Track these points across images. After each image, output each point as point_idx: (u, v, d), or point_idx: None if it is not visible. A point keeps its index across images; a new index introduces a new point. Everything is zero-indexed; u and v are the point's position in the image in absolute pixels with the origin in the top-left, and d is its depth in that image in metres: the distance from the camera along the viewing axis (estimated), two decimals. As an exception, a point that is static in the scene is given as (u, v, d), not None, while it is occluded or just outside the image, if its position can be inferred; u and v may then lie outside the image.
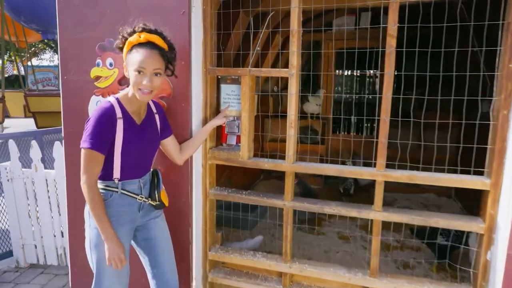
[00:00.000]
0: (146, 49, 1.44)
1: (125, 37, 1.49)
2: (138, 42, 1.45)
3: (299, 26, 1.79)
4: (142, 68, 1.44)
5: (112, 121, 1.47)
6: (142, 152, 1.61)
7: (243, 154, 1.98)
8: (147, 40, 1.46)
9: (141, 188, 1.62)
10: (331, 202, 1.92)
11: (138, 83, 1.46)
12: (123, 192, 1.56)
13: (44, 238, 2.91)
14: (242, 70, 1.90)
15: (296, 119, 1.88)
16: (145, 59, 1.44)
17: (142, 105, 1.60)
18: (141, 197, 1.61)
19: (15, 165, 2.79)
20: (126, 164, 1.55)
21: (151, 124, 1.65)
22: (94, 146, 1.42)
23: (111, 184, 1.55)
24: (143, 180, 1.64)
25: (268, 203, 1.98)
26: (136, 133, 1.56)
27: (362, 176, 1.80)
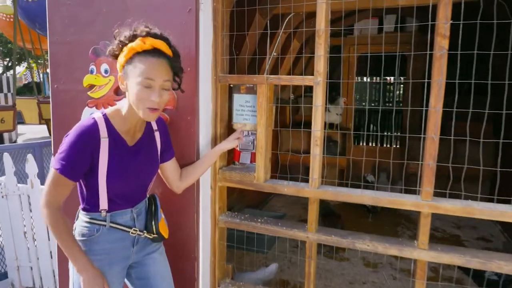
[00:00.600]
0: (153, 58, 1.19)
1: (123, 42, 1.21)
2: (142, 49, 1.19)
3: (326, 25, 1.50)
4: (150, 80, 1.18)
5: (93, 142, 1.21)
6: (135, 179, 1.34)
7: (259, 176, 1.69)
8: (153, 46, 1.20)
9: (134, 219, 1.36)
10: (365, 236, 1.60)
11: (144, 99, 1.19)
12: (112, 226, 1.30)
13: (40, 259, 2.68)
14: (259, 77, 1.62)
15: (322, 136, 1.58)
16: (153, 69, 1.18)
17: (138, 123, 1.33)
18: (134, 230, 1.35)
19: (10, 181, 2.57)
20: (115, 193, 1.29)
21: (149, 144, 1.39)
22: (64, 170, 1.17)
23: (97, 217, 1.29)
24: (136, 209, 1.38)
25: (288, 234, 1.68)
26: (127, 156, 1.29)
27: (403, 207, 1.48)
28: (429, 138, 1.40)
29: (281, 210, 3.93)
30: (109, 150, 1.24)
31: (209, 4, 1.59)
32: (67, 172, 1.18)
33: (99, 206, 1.28)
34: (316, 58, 1.51)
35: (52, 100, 1.71)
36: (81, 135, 1.19)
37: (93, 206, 1.28)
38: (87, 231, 1.28)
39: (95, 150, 1.21)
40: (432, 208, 1.43)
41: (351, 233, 1.63)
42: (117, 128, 1.27)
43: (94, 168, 1.23)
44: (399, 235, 3.34)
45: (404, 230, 3.44)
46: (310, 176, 1.60)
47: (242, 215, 1.81)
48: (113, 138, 1.25)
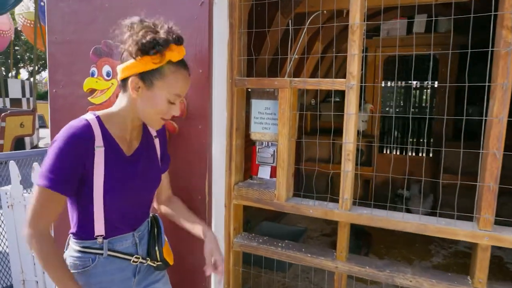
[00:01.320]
0: (185, 71, 1.09)
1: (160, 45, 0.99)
2: (176, 59, 1.05)
3: (362, 18, 1.27)
4: (180, 96, 1.09)
5: (85, 148, 1.01)
6: (136, 195, 1.14)
7: (280, 194, 1.46)
8: (182, 57, 1.09)
9: (136, 245, 1.17)
10: (406, 268, 1.34)
11: (165, 113, 1.09)
12: (111, 254, 1.10)
13: (46, 274, 2.53)
14: (281, 81, 1.40)
15: (355, 149, 1.34)
16: (184, 85, 1.10)
17: (135, 129, 1.15)
18: (136, 258, 1.15)
19: (16, 190, 2.44)
20: (113, 214, 1.09)
21: (148, 154, 1.19)
22: (54, 184, 0.97)
23: (92, 245, 1.09)
24: (138, 232, 1.18)
25: (313, 263, 1.44)
26: (126, 167, 1.10)
27: (456, 237, 1.22)
28: (490, 154, 1.14)
29: (302, 223, 3.68)
30: (106, 160, 1.04)
31: (224, -3, 1.39)
32: (58, 186, 0.98)
33: (94, 232, 1.08)
34: (349, 57, 1.28)
35: (50, 106, 1.54)
36: (72, 138, 0.99)
37: (87, 231, 1.08)
38: (79, 262, 1.08)
39: (88, 158, 1.01)
40: (493, 240, 1.17)
41: (388, 264, 1.38)
42: (112, 134, 1.08)
43: (88, 182, 1.03)
44: (433, 255, 3.04)
45: (438, 250, 3.13)
46: (341, 196, 1.36)
47: (260, 238, 1.59)
48: (109, 145, 1.06)
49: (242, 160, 1.57)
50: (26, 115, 6.72)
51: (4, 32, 10.02)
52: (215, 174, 1.46)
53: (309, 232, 3.44)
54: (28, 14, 9.91)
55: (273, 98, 1.54)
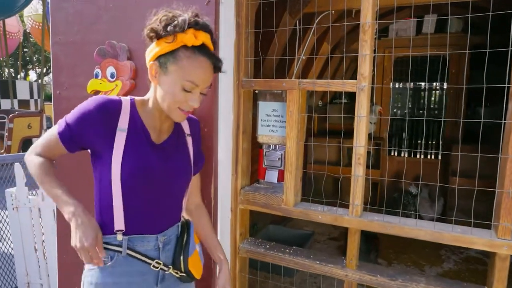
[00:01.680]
0: (205, 59, 1.00)
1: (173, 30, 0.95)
2: (192, 44, 0.97)
3: (373, 17, 1.22)
4: (194, 85, 0.99)
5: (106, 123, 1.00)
6: (163, 188, 1.07)
7: (288, 199, 1.42)
8: (203, 43, 0.99)
9: (159, 249, 1.08)
10: (419, 277, 1.29)
11: (181, 101, 1.00)
12: (130, 254, 1.03)
13: (51, 276, 2.51)
14: (289, 82, 1.36)
15: (365, 153, 1.29)
16: (200, 73, 0.99)
17: (166, 122, 1.10)
18: (157, 263, 1.06)
19: (21, 192, 2.43)
20: (135, 207, 1.03)
21: (179, 149, 1.13)
22: (64, 134, 1.01)
23: (112, 241, 1.02)
24: (164, 237, 1.09)
25: (322, 271, 1.39)
26: (150, 154, 1.04)
27: (473, 246, 1.16)
28: (510, 159, 1.09)
29: (308, 226, 3.63)
30: (127, 141, 1.01)
31: (231, -4, 1.35)
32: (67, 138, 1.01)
33: (113, 225, 1.02)
34: (360, 58, 1.24)
35: (54, 109, 1.52)
36: (97, 106, 0.99)
37: (107, 223, 1.02)
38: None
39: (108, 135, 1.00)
40: (513, 249, 1.11)
41: (401, 272, 1.32)
42: (142, 119, 1.05)
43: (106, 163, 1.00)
44: (443, 260, 2.96)
45: (449, 255, 3.05)
46: (351, 201, 1.31)
47: (267, 243, 1.54)
48: (135, 128, 1.03)
49: (248, 163, 1.53)
50: (33, 116, 6.75)
51: (13, 34, 10.12)
52: (221, 178, 1.43)
53: (316, 235, 3.39)
54: (36, 16, 10.01)
55: (280, 100, 1.50)
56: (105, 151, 1.00)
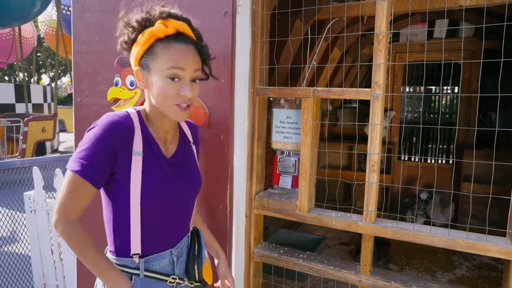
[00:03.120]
0: (181, 44, 0.95)
1: (136, 27, 0.95)
2: (165, 34, 0.94)
3: (387, 27, 1.24)
4: (179, 70, 0.94)
5: (122, 146, 0.94)
6: (177, 204, 1.05)
7: (302, 205, 1.44)
8: (177, 30, 0.95)
9: (173, 263, 1.07)
10: (434, 284, 1.30)
11: (173, 95, 0.95)
12: (147, 275, 1.01)
13: (67, 278, 2.57)
14: (304, 90, 1.38)
15: (379, 160, 1.31)
16: (182, 57, 0.94)
17: (172, 129, 1.06)
18: (173, 279, 1.05)
19: (39, 195, 2.49)
20: (152, 228, 1.01)
21: (186, 158, 1.10)
22: (86, 171, 0.90)
23: (129, 264, 1.01)
24: (177, 250, 1.08)
25: (336, 276, 1.41)
26: (168, 171, 1.02)
27: (487, 253, 1.17)
28: (525, 167, 1.09)
29: (319, 231, 3.63)
30: (144, 164, 0.96)
31: (247, 6, 1.39)
32: (91, 174, 0.91)
33: (130, 249, 1.00)
34: (374, 67, 1.26)
35: (75, 116, 1.57)
36: (111, 129, 0.92)
37: (123, 248, 1.00)
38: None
39: (124, 159, 0.94)
40: (528, 258, 1.12)
41: (415, 279, 1.33)
42: (152, 133, 1.01)
43: (123, 186, 0.95)
44: (456, 266, 2.94)
45: (461, 261, 3.03)
46: (365, 208, 1.33)
47: (281, 248, 1.57)
48: (150, 147, 0.98)
49: (263, 169, 1.56)
50: (47, 120, 6.90)
51: (27, 39, 10.36)
52: (236, 183, 1.45)
53: (327, 240, 3.39)
54: (50, 21, 10.22)
55: (294, 107, 1.53)
56: (121, 175, 0.96)
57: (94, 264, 0.95)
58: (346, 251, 3.23)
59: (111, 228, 1.02)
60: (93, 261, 0.95)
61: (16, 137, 6.42)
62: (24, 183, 3.00)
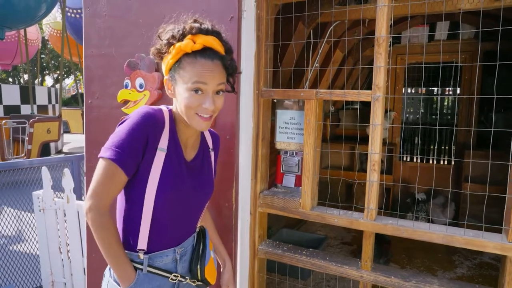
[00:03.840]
0: (206, 59, 1.00)
1: (171, 42, 1.00)
2: (192, 50, 0.99)
3: (388, 31, 1.29)
4: (202, 84, 0.99)
5: (153, 139, 0.99)
6: (188, 205, 1.10)
7: (305, 203, 1.49)
8: (205, 46, 1.00)
9: (176, 261, 1.11)
10: (432, 279, 1.34)
11: (196, 106, 1.00)
12: (150, 271, 1.06)
13: (74, 275, 2.62)
14: (307, 92, 1.43)
15: (380, 159, 1.36)
16: (205, 72, 0.99)
17: (194, 136, 1.12)
18: (175, 276, 1.09)
19: (47, 195, 2.55)
20: (161, 226, 1.05)
21: (203, 164, 1.15)
22: (121, 159, 0.95)
23: (134, 258, 1.05)
24: (181, 248, 1.12)
25: (338, 272, 1.46)
26: (185, 175, 1.06)
27: (484, 249, 1.21)
28: (520, 166, 1.14)
29: (321, 230, 3.68)
30: (165, 163, 1.01)
31: (252, 11, 1.44)
32: (125, 162, 0.95)
33: (137, 244, 1.04)
34: (375, 69, 1.31)
35: (86, 117, 1.62)
36: (147, 119, 0.98)
37: (130, 241, 1.05)
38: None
39: (150, 152, 0.99)
40: (523, 253, 1.16)
41: (414, 274, 1.38)
42: (177, 134, 1.07)
43: (141, 180, 1.00)
44: (456, 266, 2.98)
45: (462, 260, 3.06)
46: (366, 205, 1.38)
47: (284, 245, 1.62)
48: (174, 147, 1.04)
49: (267, 169, 1.61)
50: (52, 121, 6.97)
51: (32, 41, 10.46)
52: (241, 182, 1.51)
53: (329, 240, 3.43)
54: (55, 24, 10.31)
55: (298, 109, 1.58)
56: (143, 169, 1.00)
57: (114, 256, 0.99)
58: (348, 250, 3.27)
59: (121, 222, 1.07)
60: (114, 253, 0.99)
61: (22, 138, 6.51)
62: (28, 183, 3.05)
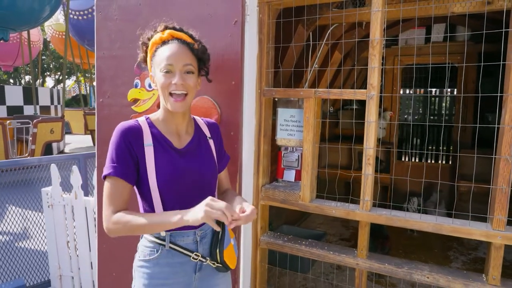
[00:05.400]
0: (173, 44, 1.16)
1: (146, 43, 1.21)
2: (161, 40, 1.17)
3: (381, 34, 1.39)
4: (169, 64, 1.13)
5: (135, 141, 1.14)
6: (192, 189, 1.19)
7: (304, 195, 1.58)
8: (172, 36, 1.18)
9: (197, 242, 1.21)
10: (423, 266, 1.44)
11: (167, 84, 1.13)
12: (172, 247, 1.18)
13: (81, 269, 2.71)
14: (306, 91, 1.53)
15: (374, 154, 1.45)
16: (171, 54, 1.14)
17: (183, 123, 1.23)
18: (196, 255, 1.19)
19: (56, 191, 2.64)
20: (173, 207, 1.15)
21: (201, 150, 1.25)
22: (114, 170, 1.09)
23: (158, 235, 1.18)
24: (201, 231, 1.22)
25: (336, 260, 1.55)
26: (177, 160, 1.18)
27: (470, 236, 1.31)
28: (502, 159, 1.24)
29: (320, 227, 3.77)
30: (155, 154, 1.15)
31: (255, 16, 1.54)
32: (120, 172, 1.09)
33: None
34: (369, 70, 1.41)
35: (98, 115, 1.72)
36: (122, 133, 1.13)
37: None
38: (148, 251, 1.19)
39: (140, 152, 1.14)
40: (506, 239, 1.26)
41: (407, 262, 1.47)
42: (161, 130, 1.20)
43: (144, 180, 1.14)
44: (451, 260, 3.07)
45: (457, 255, 3.16)
46: (361, 197, 1.47)
47: (285, 236, 1.71)
48: (158, 141, 1.17)
49: (268, 164, 1.70)
50: (55, 121, 7.06)
51: (34, 42, 10.57)
52: (244, 176, 1.60)
53: (328, 236, 3.52)
54: (57, 25, 10.43)
55: (297, 107, 1.67)
56: (140, 166, 1.14)
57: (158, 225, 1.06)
58: (346, 246, 3.36)
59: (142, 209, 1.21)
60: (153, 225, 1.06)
61: (26, 138, 6.60)
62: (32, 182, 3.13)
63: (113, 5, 1.65)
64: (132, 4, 1.62)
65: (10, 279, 2.86)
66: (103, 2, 1.67)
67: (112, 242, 1.73)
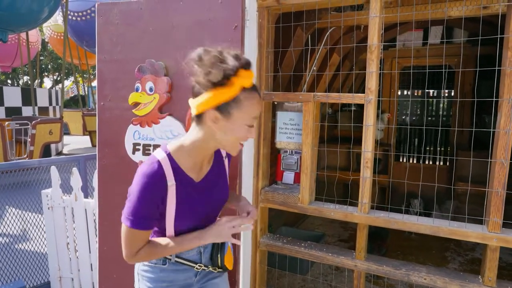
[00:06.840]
0: (257, 94, 1.06)
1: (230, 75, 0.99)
2: (249, 85, 1.03)
3: (379, 39, 1.41)
4: (255, 119, 1.08)
5: (160, 191, 1.09)
6: (205, 217, 1.22)
7: (303, 198, 1.60)
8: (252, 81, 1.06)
9: (201, 253, 1.25)
10: (421, 267, 1.46)
11: (244, 138, 1.09)
12: (178, 261, 1.22)
13: (81, 271, 2.71)
14: (305, 95, 1.55)
15: (373, 157, 1.47)
16: (259, 108, 1.09)
17: (206, 157, 1.18)
18: (199, 266, 1.24)
19: (56, 193, 2.65)
20: (183, 231, 1.20)
21: (218, 175, 1.24)
22: (136, 224, 1.09)
23: None
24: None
25: (334, 261, 1.57)
26: (196, 195, 1.18)
27: (467, 239, 1.33)
28: (498, 163, 1.26)
29: (319, 229, 3.79)
30: (177, 194, 1.12)
31: (254, 20, 1.55)
32: (139, 225, 1.09)
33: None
34: (367, 74, 1.43)
35: (98, 117, 1.73)
36: (147, 185, 1.07)
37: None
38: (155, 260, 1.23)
39: (163, 197, 1.11)
40: (502, 241, 1.28)
41: (404, 264, 1.50)
42: (182, 167, 1.13)
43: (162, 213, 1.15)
44: (449, 261, 3.10)
45: (454, 256, 3.18)
46: (360, 200, 1.49)
47: (284, 238, 1.73)
48: (180, 179, 1.12)
49: (268, 166, 1.72)
50: (54, 123, 7.06)
51: (32, 43, 10.57)
52: (244, 179, 1.62)
53: (327, 238, 3.54)
54: (55, 26, 10.43)
55: (296, 110, 1.69)
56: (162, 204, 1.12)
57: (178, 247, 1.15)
58: (345, 247, 3.38)
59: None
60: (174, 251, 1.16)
61: (24, 140, 6.59)
62: (30, 184, 3.13)
63: (114, 9, 1.66)
64: (133, 9, 1.64)
65: (10, 281, 2.86)
66: (104, 7, 1.69)
67: (113, 244, 1.75)
